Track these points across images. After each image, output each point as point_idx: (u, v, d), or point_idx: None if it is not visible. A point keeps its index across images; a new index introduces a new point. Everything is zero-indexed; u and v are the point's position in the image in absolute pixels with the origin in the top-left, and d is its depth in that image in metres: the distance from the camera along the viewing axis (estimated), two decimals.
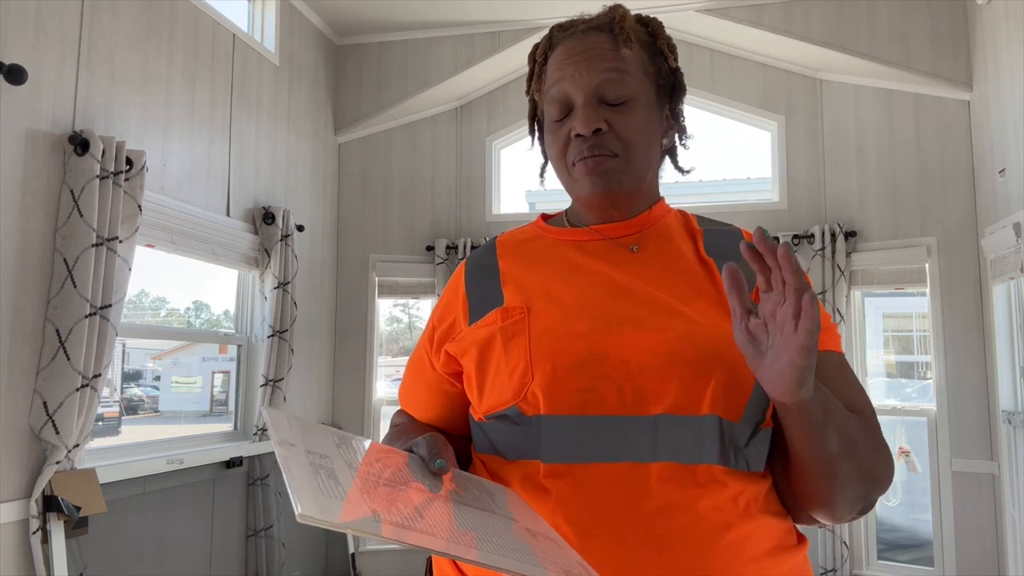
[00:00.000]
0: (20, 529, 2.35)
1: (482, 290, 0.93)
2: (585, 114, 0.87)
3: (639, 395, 0.80)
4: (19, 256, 2.38)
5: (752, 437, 0.82)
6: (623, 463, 0.79)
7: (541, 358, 0.83)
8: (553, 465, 0.81)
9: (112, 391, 3.88)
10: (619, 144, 0.88)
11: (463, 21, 4.33)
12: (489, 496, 0.78)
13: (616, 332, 0.83)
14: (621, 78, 0.88)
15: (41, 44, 2.48)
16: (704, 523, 0.77)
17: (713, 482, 0.79)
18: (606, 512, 0.77)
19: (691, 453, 0.79)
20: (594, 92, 0.88)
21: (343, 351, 4.48)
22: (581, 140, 0.88)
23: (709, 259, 0.89)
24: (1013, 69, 3.22)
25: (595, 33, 0.91)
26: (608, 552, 0.76)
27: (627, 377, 0.81)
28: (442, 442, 0.80)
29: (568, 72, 0.89)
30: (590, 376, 0.81)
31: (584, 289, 0.88)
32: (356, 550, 4.26)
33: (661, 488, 0.77)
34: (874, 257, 3.93)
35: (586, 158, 0.88)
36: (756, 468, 0.82)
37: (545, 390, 0.82)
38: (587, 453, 0.80)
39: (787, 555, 0.81)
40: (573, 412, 0.81)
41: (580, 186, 0.90)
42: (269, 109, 3.89)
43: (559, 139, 0.91)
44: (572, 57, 0.90)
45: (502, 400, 0.85)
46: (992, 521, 3.59)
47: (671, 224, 0.95)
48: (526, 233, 1.00)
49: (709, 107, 4.31)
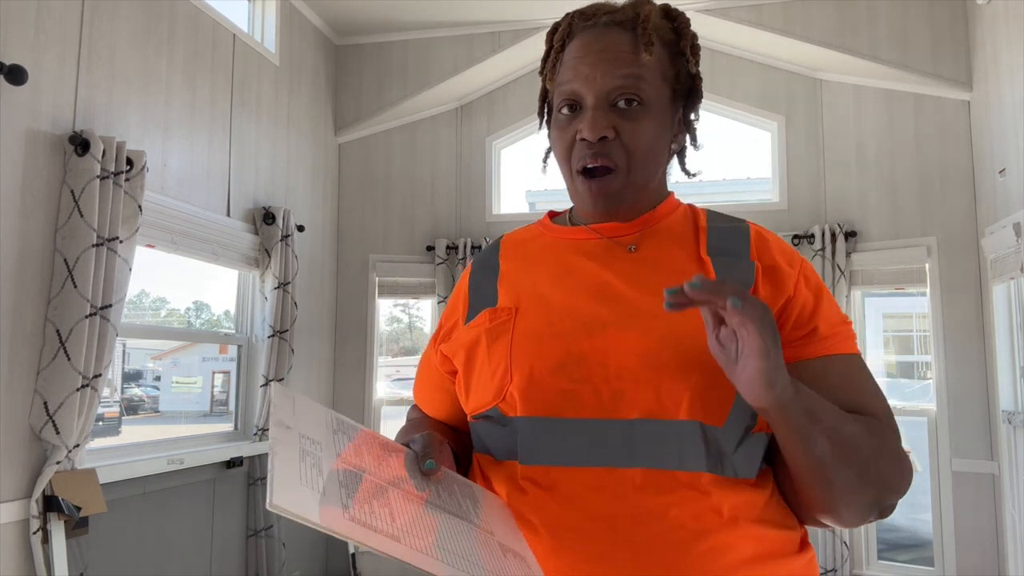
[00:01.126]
0: (20, 529, 2.35)
1: (481, 290, 0.94)
2: (594, 118, 0.85)
3: (616, 398, 0.79)
4: (19, 256, 2.38)
5: (741, 443, 0.80)
6: (599, 467, 0.78)
7: (521, 359, 0.83)
8: (530, 467, 0.80)
9: (112, 391, 3.88)
10: (623, 154, 0.86)
11: (463, 21, 4.33)
12: (472, 503, 0.77)
13: (599, 334, 0.82)
14: (636, 84, 0.85)
15: (41, 44, 2.48)
16: (680, 530, 0.75)
17: (693, 489, 0.77)
18: (581, 516, 0.77)
19: (671, 459, 0.77)
20: (606, 97, 0.86)
21: (343, 351, 4.48)
22: (586, 144, 0.86)
23: (707, 259, 0.87)
24: (1013, 69, 3.22)
25: (616, 30, 0.87)
26: (582, 556, 0.75)
27: (604, 379, 0.80)
28: (436, 442, 0.80)
29: (583, 72, 0.86)
30: (568, 378, 0.80)
31: (573, 290, 0.87)
32: (356, 550, 4.26)
33: (637, 494, 0.76)
34: (874, 257, 3.93)
35: (591, 178, 0.87)
36: (745, 475, 0.80)
37: (522, 392, 0.81)
38: (563, 456, 0.79)
39: (778, 563, 0.79)
40: (550, 414, 0.80)
41: (581, 200, 0.90)
42: (269, 109, 3.89)
43: (565, 137, 0.90)
44: (589, 56, 0.87)
45: (484, 401, 0.85)
46: (992, 521, 3.59)
47: (675, 222, 0.93)
48: (530, 232, 1.00)
49: (709, 107, 4.31)
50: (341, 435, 0.74)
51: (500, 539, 0.73)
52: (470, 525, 0.72)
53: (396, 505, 0.68)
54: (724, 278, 0.85)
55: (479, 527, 0.73)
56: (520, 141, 4.65)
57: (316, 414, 0.74)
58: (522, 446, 0.81)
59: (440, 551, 0.64)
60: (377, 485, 0.69)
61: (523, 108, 4.49)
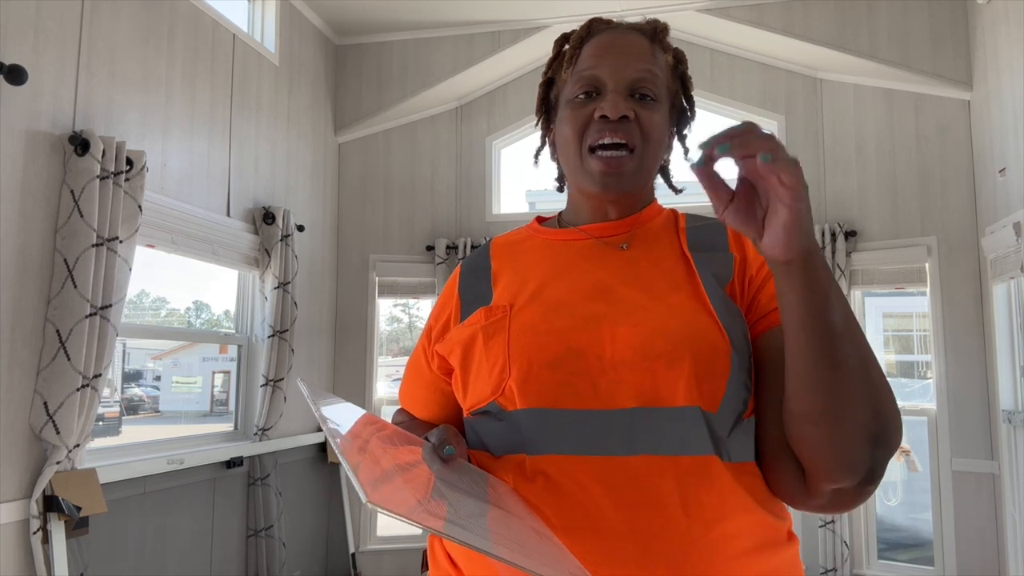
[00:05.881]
0: (21, 529, 2.35)
1: (473, 291, 0.96)
2: (615, 99, 0.90)
3: (613, 389, 0.81)
4: (19, 256, 2.38)
5: (733, 429, 0.82)
6: (601, 456, 0.79)
7: (518, 354, 0.84)
8: (534, 458, 0.82)
9: (113, 391, 3.88)
10: (639, 136, 0.90)
11: (463, 21, 4.33)
12: (494, 492, 0.78)
13: (594, 329, 0.84)
14: (654, 80, 0.92)
15: (41, 44, 2.48)
16: (685, 518, 0.77)
17: (697, 475, 0.78)
18: (587, 506, 0.78)
19: (671, 445, 0.79)
20: (627, 85, 0.91)
21: (343, 351, 4.48)
22: (604, 121, 0.90)
23: (689, 254, 0.91)
24: (1013, 69, 3.22)
25: (636, 34, 0.95)
26: (590, 545, 0.77)
27: (601, 372, 0.82)
28: (454, 432, 0.83)
29: (608, 60, 0.92)
30: (566, 371, 0.83)
31: (568, 287, 0.90)
32: (356, 550, 4.26)
33: (641, 482, 0.78)
34: (874, 257, 3.93)
35: (606, 157, 0.89)
36: (741, 459, 0.82)
37: (520, 385, 0.83)
38: (566, 446, 0.81)
39: (774, 552, 0.81)
40: (548, 405, 0.82)
41: (591, 177, 0.91)
42: (269, 109, 3.89)
43: (580, 117, 0.92)
44: (613, 48, 0.93)
45: (483, 396, 0.87)
46: (992, 521, 3.59)
47: (660, 224, 0.97)
48: (519, 235, 1.03)
49: (709, 107, 4.31)
50: (371, 427, 0.75)
51: (531, 524, 0.74)
52: (487, 504, 0.73)
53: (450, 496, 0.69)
54: (705, 271, 0.88)
55: (512, 514, 0.74)
56: (520, 141, 4.65)
57: (346, 410, 0.77)
58: (526, 437, 0.83)
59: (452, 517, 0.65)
60: (426, 476, 0.71)
61: (523, 108, 4.49)
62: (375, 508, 0.55)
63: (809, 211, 0.69)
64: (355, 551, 4.22)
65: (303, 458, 4.02)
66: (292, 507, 3.86)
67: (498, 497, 0.76)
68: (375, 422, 0.83)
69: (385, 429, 0.83)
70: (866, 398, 0.75)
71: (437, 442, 0.79)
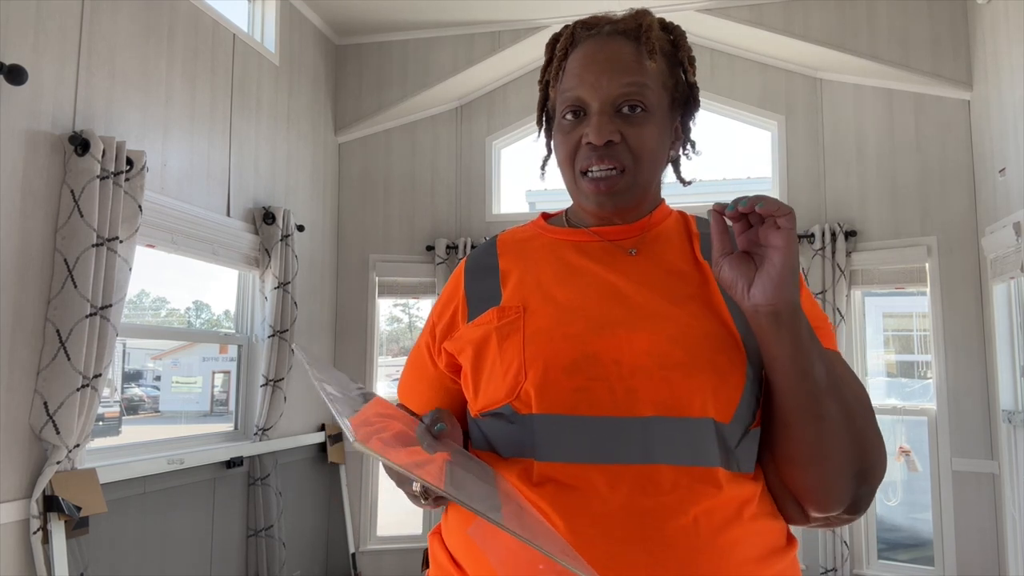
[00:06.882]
0: (21, 529, 2.35)
1: (481, 289, 0.94)
2: (599, 123, 0.87)
3: (630, 396, 0.80)
4: (19, 256, 2.38)
5: (742, 439, 0.82)
6: (615, 464, 0.79)
7: (534, 358, 0.83)
8: (547, 463, 0.81)
9: (113, 391, 3.88)
10: (629, 156, 0.88)
11: (463, 21, 4.33)
12: (482, 469, 0.79)
13: (609, 334, 0.83)
14: (641, 91, 0.88)
15: (41, 44, 2.48)
16: (695, 526, 0.77)
17: (707, 484, 0.79)
18: (597, 512, 0.78)
19: (686, 455, 0.79)
20: (612, 103, 0.88)
21: (343, 351, 4.48)
22: (591, 148, 0.88)
23: (704, 262, 0.90)
24: (1013, 69, 3.22)
25: (620, 38, 0.90)
26: (599, 551, 0.76)
27: (619, 378, 0.81)
28: (447, 414, 0.82)
29: (588, 80, 0.89)
30: (583, 376, 0.82)
31: (580, 290, 0.89)
32: (356, 550, 4.26)
33: (653, 490, 0.78)
34: (874, 257, 3.93)
35: (597, 179, 0.89)
36: (747, 469, 0.83)
37: (538, 389, 0.82)
38: (580, 453, 0.80)
39: (777, 557, 0.82)
40: (565, 412, 0.81)
41: (586, 199, 0.91)
42: (269, 109, 3.89)
43: (569, 142, 0.91)
44: (594, 64, 0.89)
45: (496, 398, 0.86)
46: (992, 521, 3.59)
47: (670, 228, 0.96)
48: (526, 232, 1.01)
49: (709, 107, 4.31)
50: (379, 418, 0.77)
51: (518, 501, 0.75)
52: (485, 483, 0.74)
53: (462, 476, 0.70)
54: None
55: (493, 485, 0.75)
56: (520, 141, 4.65)
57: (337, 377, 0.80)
58: (540, 443, 0.82)
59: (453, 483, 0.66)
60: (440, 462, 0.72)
61: (523, 108, 4.49)
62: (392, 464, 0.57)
63: (797, 267, 0.76)
64: (355, 551, 4.22)
65: (303, 458, 4.02)
66: (292, 507, 3.86)
67: (506, 489, 0.77)
68: (384, 409, 0.82)
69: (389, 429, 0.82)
70: (850, 446, 0.80)
71: (430, 421, 0.79)
